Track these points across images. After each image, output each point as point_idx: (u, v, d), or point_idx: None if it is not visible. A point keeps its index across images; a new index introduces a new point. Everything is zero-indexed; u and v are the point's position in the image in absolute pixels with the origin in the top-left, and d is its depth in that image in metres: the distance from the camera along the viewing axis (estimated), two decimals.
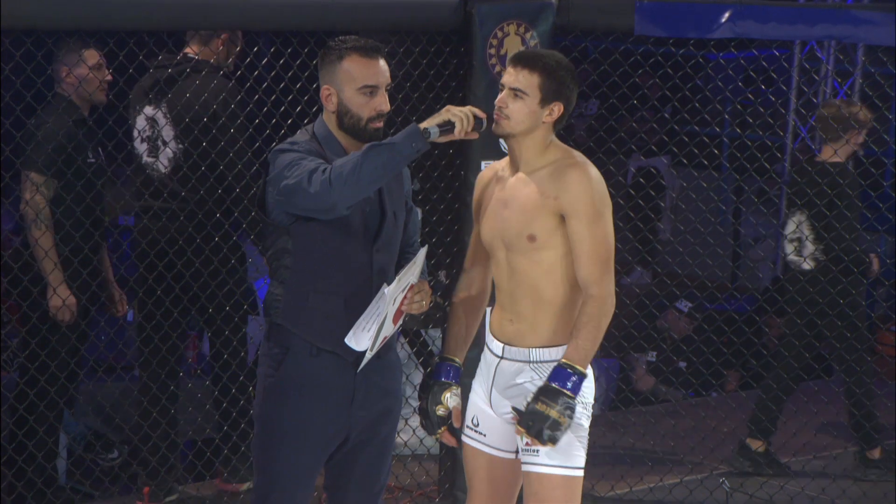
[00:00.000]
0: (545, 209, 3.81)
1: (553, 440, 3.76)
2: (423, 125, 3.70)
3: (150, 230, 5.59)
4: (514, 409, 3.84)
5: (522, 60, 3.86)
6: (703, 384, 7.31)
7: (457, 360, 4.03)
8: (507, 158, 3.96)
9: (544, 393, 3.76)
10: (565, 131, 3.94)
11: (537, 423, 3.74)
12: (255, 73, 6.03)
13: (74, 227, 5.48)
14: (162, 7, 5.01)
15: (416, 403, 5.97)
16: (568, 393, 3.75)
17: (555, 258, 3.83)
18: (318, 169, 3.72)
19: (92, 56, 5.55)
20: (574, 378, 3.76)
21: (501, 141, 3.96)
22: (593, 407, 3.90)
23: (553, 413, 3.73)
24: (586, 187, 3.79)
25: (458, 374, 4.03)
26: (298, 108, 5.48)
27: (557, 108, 3.83)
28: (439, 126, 3.70)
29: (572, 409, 3.75)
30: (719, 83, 8.43)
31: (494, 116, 3.84)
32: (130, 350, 6.42)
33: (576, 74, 3.87)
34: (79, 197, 5.49)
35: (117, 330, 6.25)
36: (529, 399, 3.78)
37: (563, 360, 3.78)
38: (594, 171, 3.83)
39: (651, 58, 5.98)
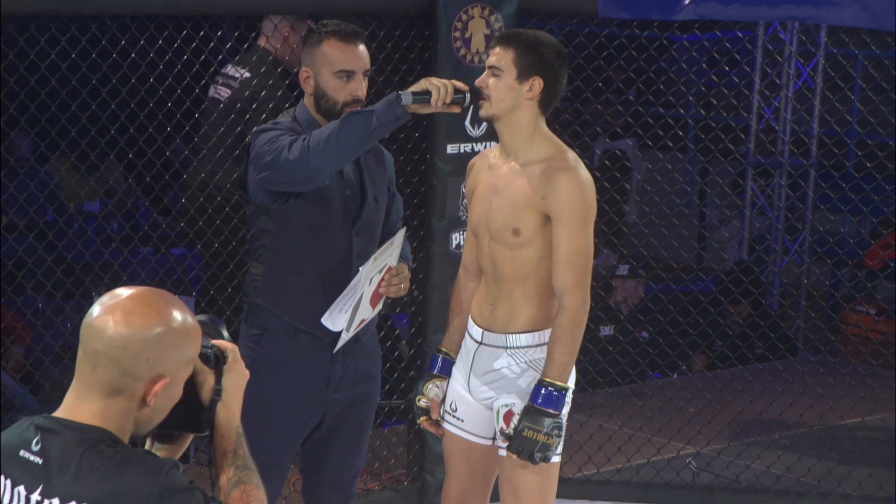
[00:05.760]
0: (532, 206, 3.79)
1: (546, 460, 3.78)
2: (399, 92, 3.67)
3: None
4: (503, 433, 3.84)
5: (499, 39, 3.84)
6: (669, 365, 7.33)
7: (450, 352, 4.03)
8: (499, 146, 3.92)
9: (529, 417, 3.75)
10: (551, 115, 3.91)
11: (527, 448, 3.76)
12: (220, 57, 6.01)
13: None
14: None
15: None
16: (552, 412, 3.76)
17: (537, 254, 3.82)
18: (297, 139, 3.73)
19: None
20: (555, 395, 3.76)
21: (467, 125, 3.95)
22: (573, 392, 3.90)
23: (541, 437, 3.74)
24: (574, 193, 3.76)
25: (448, 365, 4.02)
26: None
27: (538, 84, 3.78)
28: (415, 94, 3.67)
29: (560, 428, 3.77)
30: (683, 65, 8.45)
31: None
32: None
33: (563, 54, 3.83)
34: None
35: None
36: (516, 423, 3.78)
37: (543, 378, 3.78)
38: (585, 176, 3.80)
39: (615, 40, 5.98)
